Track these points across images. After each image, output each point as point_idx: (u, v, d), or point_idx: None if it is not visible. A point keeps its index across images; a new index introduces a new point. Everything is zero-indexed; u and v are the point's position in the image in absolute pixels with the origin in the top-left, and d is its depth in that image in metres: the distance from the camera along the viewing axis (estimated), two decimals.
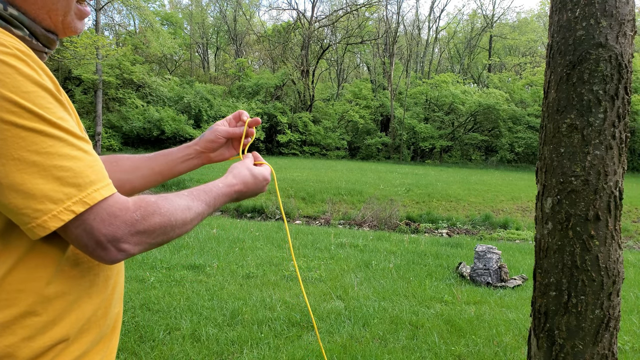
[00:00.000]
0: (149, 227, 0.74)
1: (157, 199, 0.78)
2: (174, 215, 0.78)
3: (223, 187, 0.94)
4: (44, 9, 0.77)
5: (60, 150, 0.67)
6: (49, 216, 0.66)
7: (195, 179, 14.69)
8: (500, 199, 13.91)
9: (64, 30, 0.81)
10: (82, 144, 0.71)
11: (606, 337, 1.81)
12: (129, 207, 0.73)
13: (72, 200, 0.67)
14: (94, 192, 0.69)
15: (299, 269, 5.30)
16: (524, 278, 5.35)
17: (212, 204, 0.90)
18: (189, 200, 0.84)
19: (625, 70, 1.75)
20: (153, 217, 0.75)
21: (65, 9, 0.79)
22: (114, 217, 0.71)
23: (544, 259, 1.91)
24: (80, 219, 0.68)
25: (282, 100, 32.59)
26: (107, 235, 0.70)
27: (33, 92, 0.66)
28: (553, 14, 1.90)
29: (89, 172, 0.69)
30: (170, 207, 0.78)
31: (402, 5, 43.56)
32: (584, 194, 1.77)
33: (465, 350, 3.29)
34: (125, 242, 0.72)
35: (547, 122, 1.91)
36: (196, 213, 0.84)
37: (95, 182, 0.70)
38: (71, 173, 0.67)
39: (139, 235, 0.73)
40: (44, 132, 0.66)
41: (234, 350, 3.14)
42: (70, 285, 0.77)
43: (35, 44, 0.78)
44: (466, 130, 33.28)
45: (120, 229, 0.71)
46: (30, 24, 0.76)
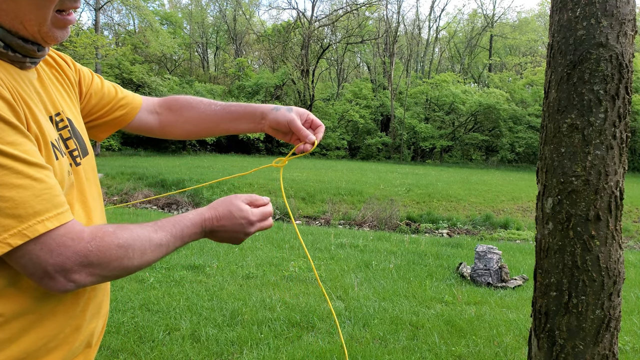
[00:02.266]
0: (103, 258, 0.71)
1: (116, 229, 0.75)
2: (131, 247, 0.75)
3: (193, 218, 0.89)
4: (16, 19, 0.73)
5: (2, 179, 0.63)
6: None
7: (195, 178, 14.70)
8: (500, 199, 13.90)
9: (43, 39, 0.77)
10: (32, 171, 0.67)
11: (607, 338, 1.81)
12: (82, 238, 0.70)
13: (9, 232, 0.64)
14: (36, 224, 0.66)
15: (298, 269, 5.29)
16: (525, 278, 5.34)
17: (180, 235, 0.85)
18: (152, 232, 0.80)
19: (625, 70, 1.74)
20: (109, 249, 0.72)
21: (40, 19, 0.74)
22: (64, 247, 0.68)
23: (545, 259, 1.90)
24: (24, 249, 0.66)
25: (282, 99, 32.59)
26: (55, 266, 0.67)
27: None
28: (553, 13, 1.90)
29: (33, 203, 0.66)
30: (129, 237, 0.75)
31: (402, 4, 43.56)
32: (585, 194, 1.77)
33: (466, 350, 3.29)
34: (75, 273, 0.69)
35: (547, 122, 1.90)
36: (158, 245, 0.80)
37: (41, 212, 0.66)
38: (11, 203, 0.64)
39: (92, 267, 0.70)
40: None
41: (233, 351, 3.14)
42: (30, 304, 0.74)
43: (12, 55, 0.76)
44: (467, 130, 33.27)
45: (70, 260, 0.68)
46: (5, 35, 0.73)
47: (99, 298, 0.91)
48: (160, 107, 1.19)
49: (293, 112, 1.09)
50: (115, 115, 1.10)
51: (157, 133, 1.20)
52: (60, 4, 0.76)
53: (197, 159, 23.96)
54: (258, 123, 1.12)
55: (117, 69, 26.26)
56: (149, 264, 0.80)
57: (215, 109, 1.14)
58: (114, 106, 1.10)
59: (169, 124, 1.18)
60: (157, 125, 1.18)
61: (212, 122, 1.14)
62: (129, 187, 13.82)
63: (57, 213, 0.68)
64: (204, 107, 1.15)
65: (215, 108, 1.14)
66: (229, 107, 1.14)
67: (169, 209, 12.69)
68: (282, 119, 1.08)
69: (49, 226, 0.67)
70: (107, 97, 1.09)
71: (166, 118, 1.18)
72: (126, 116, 1.12)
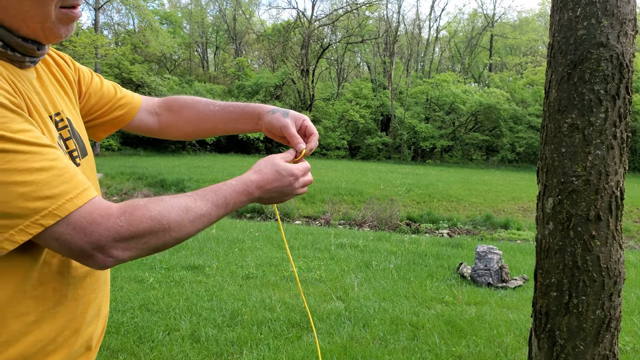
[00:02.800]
0: (135, 232, 0.70)
1: (148, 201, 0.74)
2: (166, 218, 0.73)
3: (237, 185, 0.85)
4: (17, 17, 0.71)
5: (20, 165, 0.63)
6: (15, 230, 0.63)
7: (194, 178, 14.69)
8: (501, 199, 13.90)
9: (46, 37, 0.75)
10: (48, 152, 0.67)
11: (607, 338, 1.80)
12: (112, 213, 0.69)
13: (40, 213, 0.64)
14: (65, 203, 0.66)
15: (298, 269, 5.29)
16: (525, 278, 5.34)
17: (223, 203, 0.82)
18: (189, 201, 0.77)
19: (626, 69, 1.73)
20: (140, 222, 0.70)
21: (42, 16, 0.72)
22: (95, 225, 0.67)
23: (545, 260, 1.90)
24: (56, 230, 0.65)
25: (281, 99, 32.57)
26: (91, 244, 0.67)
27: None
28: (554, 13, 1.89)
29: (57, 183, 0.66)
30: (162, 209, 0.73)
31: (402, 4, 43.52)
32: (585, 194, 1.76)
33: (466, 351, 3.28)
34: (112, 249, 0.69)
35: (548, 121, 1.90)
36: (198, 214, 0.77)
37: (67, 191, 0.66)
38: (35, 187, 0.64)
39: (126, 241, 0.70)
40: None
41: (233, 351, 3.13)
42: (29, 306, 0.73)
43: (11, 55, 0.74)
44: (467, 130, 33.26)
45: (104, 237, 0.68)
46: (4, 34, 0.72)
47: (98, 300, 0.90)
48: (160, 107, 1.19)
49: (288, 117, 1.07)
50: (114, 115, 1.10)
51: (156, 133, 1.19)
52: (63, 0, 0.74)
53: (196, 158, 23.96)
54: (255, 124, 1.12)
55: (117, 68, 26.25)
56: (190, 234, 0.78)
57: (214, 109, 1.13)
58: (113, 106, 1.09)
59: (168, 124, 1.18)
60: (156, 125, 1.18)
61: (211, 122, 1.14)
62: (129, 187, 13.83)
63: (82, 190, 0.68)
64: (203, 107, 1.14)
65: (213, 108, 1.14)
66: (227, 107, 1.13)
67: None
68: (275, 123, 1.07)
69: (78, 203, 0.67)
70: (106, 96, 1.08)
71: (165, 118, 1.18)
72: (125, 116, 1.12)
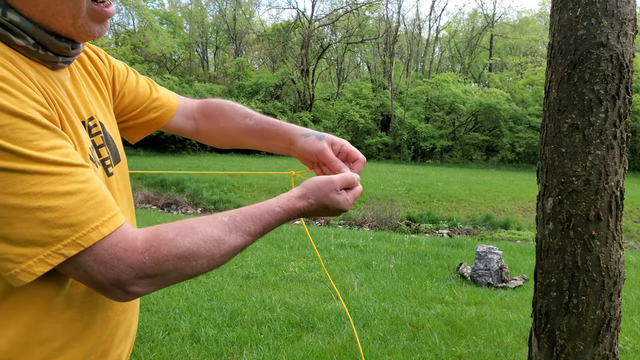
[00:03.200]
0: (160, 270, 0.65)
1: (177, 234, 0.67)
2: (195, 255, 0.67)
3: (279, 212, 0.78)
4: (48, 11, 0.65)
5: (46, 189, 0.58)
6: (34, 260, 0.58)
7: (194, 178, 14.69)
8: (501, 199, 13.90)
9: (78, 34, 0.70)
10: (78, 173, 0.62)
11: (607, 338, 1.80)
12: (136, 247, 0.64)
13: (62, 242, 0.59)
14: (90, 231, 0.60)
15: (298, 269, 5.29)
16: (525, 278, 5.34)
17: (260, 232, 0.76)
18: (224, 232, 0.71)
19: (626, 69, 1.73)
20: (166, 260, 0.65)
21: (74, 10, 0.66)
22: (116, 260, 0.62)
23: (545, 260, 1.90)
24: (76, 260, 0.61)
25: (281, 99, 32.57)
26: (110, 279, 0.62)
27: (8, 125, 0.57)
28: (554, 13, 1.89)
29: (84, 209, 0.61)
30: (192, 244, 0.67)
31: (402, 4, 43.57)
32: (585, 194, 1.76)
33: (466, 351, 3.28)
34: (132, 285, 0.64)
35: (548, 121, 1.90)
36: (232, 247, 0.72)
37: (94, 218, 0.61)
38: (60, 213, 0.59)
39: (149, 278, 0.65)
40: (23, 171, 0.57)
41: (233, 351, 3.13)
42: (57, 330, 0.69)
43: (43, 54, 0.68)
44: (467, 130, 33.26)
45: (125, 273, 0.62)
46: (36, 32, 0.65)
47: (128, 320, 0.86)
48: (198, 112, 1.13)
49: (324, 140, 0.98)
50: (148, 118, 1.04)
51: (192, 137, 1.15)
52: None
53: (196, 158, 23.95)
54: (288, 148, 1.04)
55: None
56: (219, 265, 0.72)
57: (249, 123, 1.07)
58: (148, 107, 1.03)
59: (204, 132, 1.13)
60: (192, 130, 1.13)
61: (245, 136, 1.09)
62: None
63: (109, 217, 0.63)
64: (240, 119, 1.08)
65: (249, 122, 1.07)
66: (262, 123, 1.07)
67: (169, 209, 12.69)
68: (309, 148, 0.97)
69: (104, 232, 0.62)
70: (141, 96, 1.02)
71: (202, 125, 1.12)
72: (160, 119, 1.06)
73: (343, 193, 0.85)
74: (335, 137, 1.00)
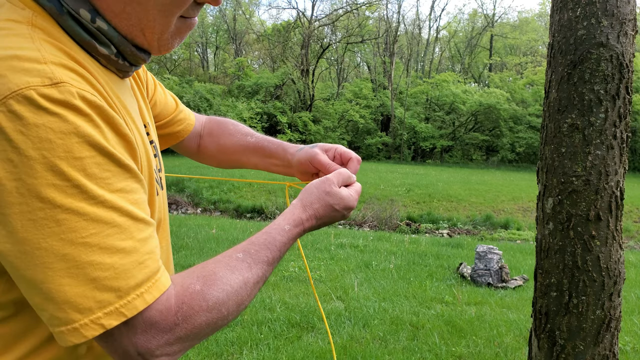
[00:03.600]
0: (192, 329, 0.57)
1: (204, 284, 0.59)
2: (226, 304, 0.60)
3: (290, 230, 0.74)
4: (138, 26, 0.63)
5: (104, 242, 0.51)
6: (68, 328, 0.50)
7: (194, 178, 14.68)
8: (501, 199, 13.90)
9: (158, 48, 0.67)
10: (137, 229, 0.54)
11: (607, 338, 1.80)
12: (170, 307, 0.56)
13: (105, 310, 0.51)
14: (135, 298, 0.52)
15: (298, 269, 5.29)
16: (525, 278, 5.34)
17: (278, 257, 0.71)
18: (246, 271, 0.65)
19: (626, 69, 1.73)
20: (198, 316, 0.57)
21: (164, 27, 0.64)
22: (150, 326, 0.54)
23: (545, 260, 1.90)
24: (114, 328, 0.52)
25: (281, 99, 32.57)
26: (139, 348, 0.54)
27: (88, 157, 0.51)
28: (554, 13, 1.89)
29: (135, 271, 0.53)
30: (220, 293, 0.60)
31: (402, 4, 43.63)
32: (585, 194, 1.76)
33: (466, 351, 3.28)
34: (161, 355, 0.55)
35: (548, 121, 1.90)
36: (255, 283, 0.67)
37: (142, 283, 0.53)
38: (112, 273, 0.51)
39: (180, 342, 0.57)
40: (87, 215, 0.50)
41: (233, 351, 3.13)
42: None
43: (121, 64, 0.66)
44: (467, 130, 33.27)
45: (156, 339, 0.54)
46: (120, 42, 0.63)
47: None
48: (205, 128, 1.11)
49: (316, 148, 0.97)
50: (172, 130, 1.02)
51: (194, 157, 1.12)
52: (185, 11, 0.65)
53: None
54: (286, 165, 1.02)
55: None
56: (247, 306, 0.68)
57: (250, 140, 1.05)
58: (174, 119, 1.02)
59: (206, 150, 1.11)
60: (196, 148, 1.11)
61: (244, 155, 1.07)
62: None
63: (155, 281, 0.55)
64: (241, 136, 1.07)
65: (250, 139, 1.05)
66: (263, 141, 1.05)
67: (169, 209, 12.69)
68: (304, 157, 0.96)
69: (149, 300, 0.53)
70: (169, 107, 1.01)
71: (205, 142, 1.11)
72: (182, 133, 1.04)
73: (344, 189, 0.82)
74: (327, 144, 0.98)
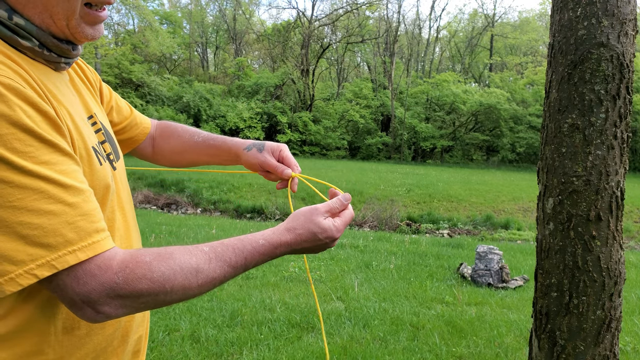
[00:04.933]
0: (132, 292, 0.64)
1: (154, 258, 0.66)
2: (170, 281, 0.66)
3: (264, 245, 0.76)
4: (45, 12, 0.68)
5: (31, 205, 0.58)
6: (5, 278, 0.58)
7: (194, 179, 14.68)
8: (501, 199, 13.90)
9: (73, 36, 0.73)
10: (66, 194, 0.61)
11: (607, 338, 1.80)
12: (111, 266, 0.63)
13: (36, 262, 0.58)
14: (67, 254, 0.60)
15: (298, 269, 5.29)
16: (526, 279, 5.34)
17: (242, 264, 0.74)
18: (203, 261, 0.69)
19: (626, 69, 1.73)
20: (139, 282, 0.64)
21: (68, 12, 0.69)
22: (90, 277, 0.62)
23: (546, 260, 1.89)
24: (49, 277, 0.60)
25: (281, 99, 32.57)
26: (81, 295, 0.62)
27: (8, 134, 0.58)
28: (554, 13, 1.89)
29: (65, 230, 0.60)
30: (168, 270, 0.66)
31: (402, 4, 43.70)
32: (586, 194, 1.76)
33: (466, 351, 3.28)
34: (103, 305, 0.63)
35: (548, 121, 1.90)
36: (209, 277, 0.70)
37: (74, 241, 0.61)
38: (39, 231, 0.58)
39: (121, 299, 0.64)
40: (12, 183, 0.57)
41: (233, 352, 3.13)
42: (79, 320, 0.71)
43: (47, 55, 0.72)
44: (467, 130, 33.27)
45: (96, 291, 0.62)
46: (40, 34, 0.69)
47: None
48: (156, 131, 1.17)
49: (264, 151, 1.03)
50: (130, 135, 1.09)
51: (150, 159, 1.18)
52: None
53: None
54: (235, 161, 1.10)
55: (117, 68, 26.25)
56: (193, 296, 0.71)
57: (197, 141, 1.12)
58: (130, 124, 1.08)
59: (159, 151, 1.17)
60: (151, 151, 1.17)
61: (195, 153, 1.13)
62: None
63: (91, 242, 0.62)
64: (188, 137, 1.14)
65: (197, 139, 1.12)
66: (208, 140, 1.11)
67: (169, 209, 12.69)
68: (253, 161, 1.04)
69: (81, 257, 0.61)
70: (124, 113, 1.07)
71: (158, 144, 1.17)
72: (139, 136, 1.11)
73: (329, 219, 0.83)
74: (274, 144, 1.05)
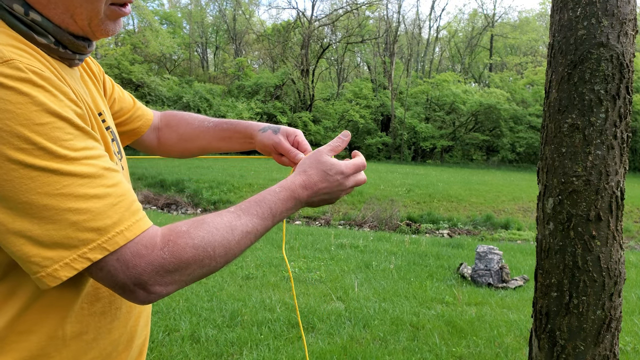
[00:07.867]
0: (180, 263, 0.64)
1: (190, 226, 0.67)
2: (211, 244, 0.67)
3: (281, 192, 0.79)
4: (67, 13, 0.68)
5: (77, 190, 0.59)
6: (60, 264, 0.58)
7: (194, 179, 14.68)
8: (501, 199, 13.90)
9: (94, 33, 0.73)
10: (107, 176, 0.63)
11: (607, 338, 1.80)
12: (156, 244, 0.64)
13: (88, 246, 0.59)
14: (116, 235, 0.61)
15: (298, 270, 5.28)
16: (525, 279, 5.34)
17: (269, 214, 0.76)
18: (233, 218, 0.72)
19: (626, 69, 1.73)
20: (184, 252, 0.65)
21: (92, 13, 0.69)
22: (138, 258, 0.62)
23: (545, 260, 1.89)
24: (102, 262, 0.61)
25: (281, 99, 32.57)
26: (132, 279, 0.62)
27: (48, 123, 0.58)
28: (554, 13, 1.89)
29: (111, 212, 0.61)
30: (206, 234, 0.67)
31: (402, 4, 43.68)
32: (586, 194, 1.76)
33: (466, 351, 3.28)
34: (155, 285, 0.63)
35: (548, 121, 1.90)
36: (244, 232, 0.72)
37: (120, 222, 0.62)
38: (89, 215, 0.59)
39: (170, 275, 0.64)
40: (58, 171, 0.58)
41: (233, 352, 3.13)
42: (88, 324, 0.72)
43: (62, 52, 0.71)
44: (467, 130, 33.26)
45: (147, 272, 0.62)
46: (56, 31, 0.68)
47: (148, 308, 0.90)
48: (161, 122, 1.17)
49: (279, 134, 1.03)
50: (132, 126, 1.08)
51: (156, 151, 1.17)
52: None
53: (196, 159, 23.80)
54: (248, 143, 1.09)
55: (117, 68, 26.23)
56: (237, 255, 0.73)
57: (208, 126, 1.11)
58: (132, 116, 1.08)
59: (166, 141, 1.16)
60: (156, 142, 1.16)
61: (205, 139, 1.12)
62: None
63: (135, 221, 0.63)
64: (198, 124, 1.13)
65: (207, 125, 1.12)
66: (220, 124, 1.11)
67: (168, 209, 12.69)
68: (267, 142, 1.03)
69: (129, 236, 0.62)
70: (127, 105, 1.07)
71: (164, 134, 1.16)
72: (141, 129, 1.10)
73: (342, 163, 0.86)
74: (289, 129, 1.05)
